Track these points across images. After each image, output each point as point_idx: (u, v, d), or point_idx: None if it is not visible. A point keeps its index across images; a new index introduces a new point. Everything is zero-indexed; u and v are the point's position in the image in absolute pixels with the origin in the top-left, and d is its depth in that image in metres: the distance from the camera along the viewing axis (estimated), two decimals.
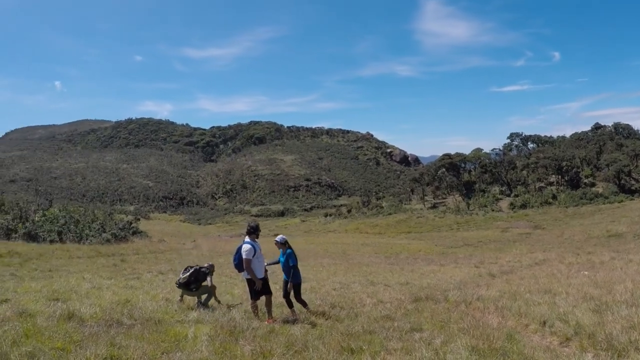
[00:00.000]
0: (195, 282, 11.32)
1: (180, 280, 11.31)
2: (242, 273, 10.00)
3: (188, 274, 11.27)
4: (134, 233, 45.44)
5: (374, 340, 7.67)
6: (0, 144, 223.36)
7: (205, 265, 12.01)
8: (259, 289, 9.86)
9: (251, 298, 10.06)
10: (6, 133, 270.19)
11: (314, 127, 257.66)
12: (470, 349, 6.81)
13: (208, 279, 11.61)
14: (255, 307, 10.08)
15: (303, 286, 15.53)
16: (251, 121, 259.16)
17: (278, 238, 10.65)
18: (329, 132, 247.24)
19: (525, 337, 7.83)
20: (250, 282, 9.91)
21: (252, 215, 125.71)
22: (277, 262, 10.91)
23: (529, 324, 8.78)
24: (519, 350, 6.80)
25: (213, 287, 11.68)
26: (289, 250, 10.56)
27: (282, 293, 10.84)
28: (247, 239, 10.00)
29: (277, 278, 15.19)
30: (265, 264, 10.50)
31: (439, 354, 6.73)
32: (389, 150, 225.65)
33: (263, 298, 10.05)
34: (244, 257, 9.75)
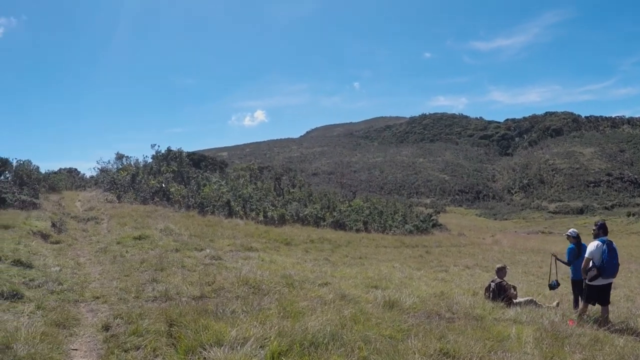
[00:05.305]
0: (500, 296, 10.76)
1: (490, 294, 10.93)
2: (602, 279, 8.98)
3: (491, 293, 10.85)
4: (433, 225, 46.20)
5: None
6: (302, 141, 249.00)
7: (498, 266, 11.52)
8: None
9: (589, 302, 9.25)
10: (307, 132, 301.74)
11: (613, 116, 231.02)
12: None
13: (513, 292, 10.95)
14: (583, 312, 9.25)
15: (616, 293, 14.32)
16: (546, 112, 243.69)
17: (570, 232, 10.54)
18: (630, 121, 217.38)
19: None
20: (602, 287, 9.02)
21: (549, 212, 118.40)
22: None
23: None
24: None
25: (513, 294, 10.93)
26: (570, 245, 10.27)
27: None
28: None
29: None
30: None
31: None
32: None
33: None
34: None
